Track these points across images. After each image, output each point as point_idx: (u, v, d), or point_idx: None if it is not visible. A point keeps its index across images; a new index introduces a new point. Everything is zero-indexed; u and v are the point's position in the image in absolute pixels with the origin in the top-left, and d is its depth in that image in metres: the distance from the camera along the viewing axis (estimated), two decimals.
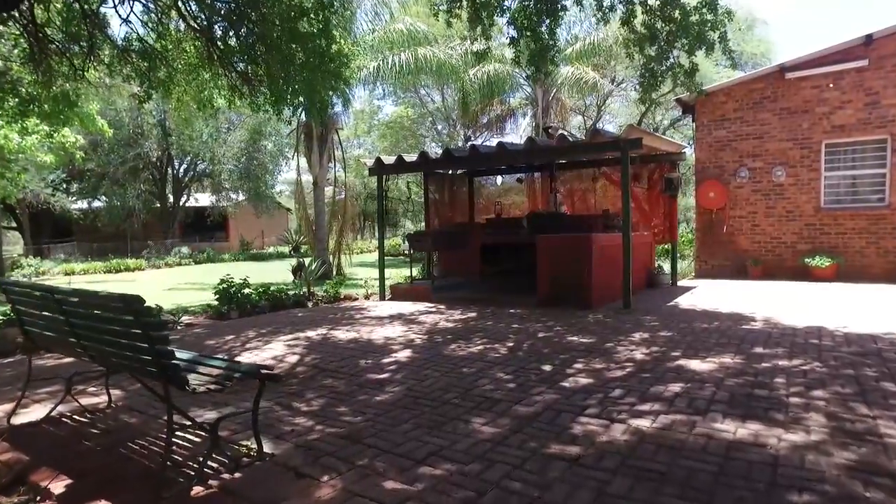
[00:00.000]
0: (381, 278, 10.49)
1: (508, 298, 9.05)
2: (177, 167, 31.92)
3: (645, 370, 4.71)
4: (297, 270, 10.62)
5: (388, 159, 10.33)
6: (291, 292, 10.64)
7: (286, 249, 31.98)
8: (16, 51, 9.45)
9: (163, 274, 21.47)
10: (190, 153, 28.54)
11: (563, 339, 6.07)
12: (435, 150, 10.45)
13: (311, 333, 6.77)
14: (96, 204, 30.06)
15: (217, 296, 9.20)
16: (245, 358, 5.59)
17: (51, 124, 10.81)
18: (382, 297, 10.40)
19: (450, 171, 12.56)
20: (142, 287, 16.06)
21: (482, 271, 11.26)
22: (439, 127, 26.47)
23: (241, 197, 32.39)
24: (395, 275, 13.52)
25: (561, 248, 8.47)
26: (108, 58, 9.47)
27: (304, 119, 13.88)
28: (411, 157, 10.10)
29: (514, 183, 13.61)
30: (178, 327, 8.18)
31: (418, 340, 6.21)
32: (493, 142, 10.91)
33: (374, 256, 29.17)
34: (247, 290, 9.55)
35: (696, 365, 4.82)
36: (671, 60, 7.64)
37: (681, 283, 11.37)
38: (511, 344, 5.90)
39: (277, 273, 16.33)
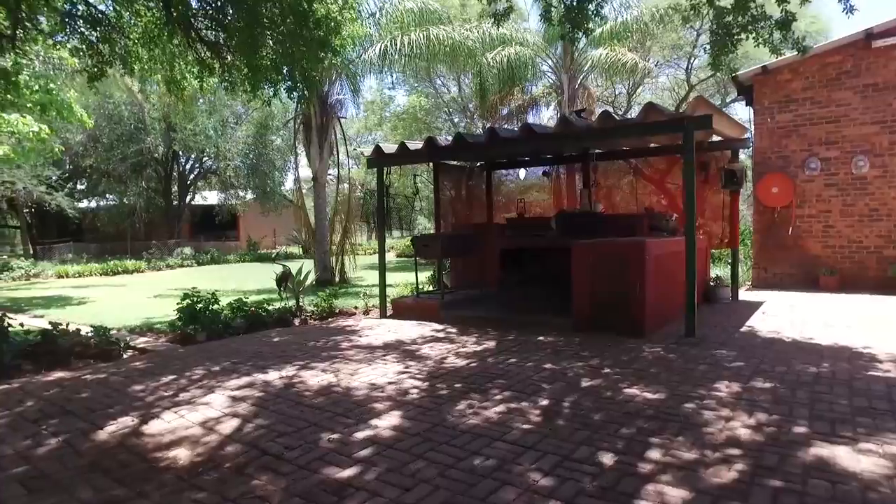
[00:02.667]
0: (382, 291, 8.77)
1: (535, 319, 7.27)
2: (182, 164, 30.59)
3: (767, 468, 2.92)
4: (281, 281, 8.96)
5: (389, 148, 8.61)
6: (278, 305, 9.00)
7: (297, 250, 30.51)
8: None
9: (160, 276, 20.05)
10: (194, 149, 27.13)
11: (618, 392, 4.28)
12: (446, 138, 8.70)
13: (273, 375, 5.06)
14: (92, 203, 28.88)
15: (179, 314, 7.56)
16: (166, 421, 3.91)
17: None
18: (383, 314, 8.68)
19: (466, 164, 10.84)
20: (129, 292, 14.60)
21: (502, 281, 9.49)
22: (456, 119, 24.73)
23: (250, 195, 30.98)
24: (403, 282, 11.82)
25: (604, 257, 6.67)
26: (49, 26, 7.92)
27: (295, 103, 12.18)
28: (416, 145, 8.36)
29: (540, 178, 11.79)
30: (123, 355, 6.57)
31: (415, 392, 4.46)
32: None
33: (387, 258, 27.56)
34: (218, 306, 7.91)
35: (847, 458, 3.00)
36: (752, 11, 5.78)
37: (741, 295, 9.47)
38: (545, 402, 4.12)
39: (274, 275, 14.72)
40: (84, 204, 29.04)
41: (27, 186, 22.36)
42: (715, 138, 8.36)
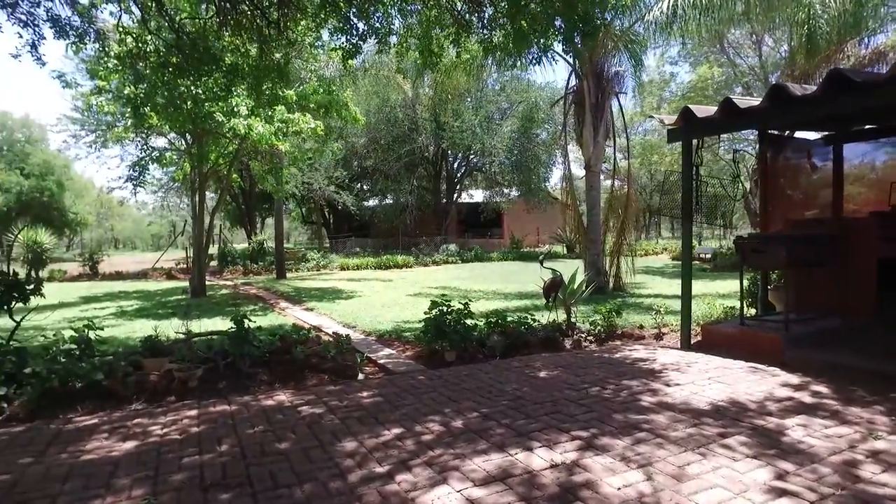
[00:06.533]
0: (686, 311, 6.27)
1: None
2: (450, 162, 31.41)
3: None
4: (549, 290, 7.10)
5: (704, 110, 6.08)
6: (542, 318, 7.19)
7: (561, 249, 28.94)
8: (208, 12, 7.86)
9: (424, 273, 20.18)
10: (461, 146, 27.44)
11: None
12: (802, 86, 5.79)
13: (542, 458, 3.11)
14: (373, 202, 31.27)
15: (425, 326, 6.21)
16: None
17: (259, 101, 9.18)
18: (686, 343, 6.19)
19: (792, 134, 7.66)
20: (393, 288, 14.47)
21: (880, 307, 6.18)
22: (755, 95, 20.18)
23: (514, 192, 30.41)
24: (700, 293, 9.04)
25: None
26: (311, 8, 7.31)
27: (569, 63, 10.26)
28: (749, 102, 5.66)
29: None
30: (359, 374, 5.39)
31: None
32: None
33: (660, 260, 24.00)
34: (471, 320, 6.37)
35: None
36: None
37: None
38: None
39: (541, 279, 13.07)
40: (369, 203, 31.79)
41: (321, 186, 24.88)
42: None
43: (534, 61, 6.56)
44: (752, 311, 7.61)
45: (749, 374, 4.84)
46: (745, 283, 7.96)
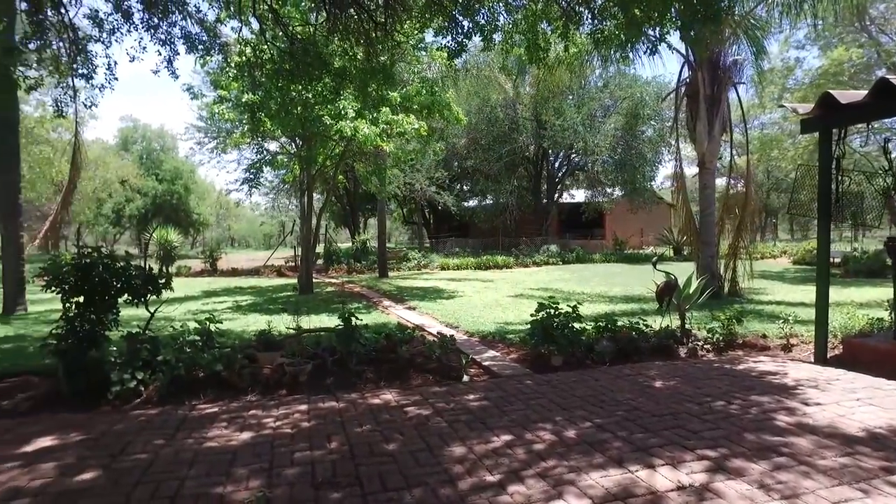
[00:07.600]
0: (822, 319, 5.65)
1: None
2: (551, 161, 30.81)
3: None
4: (663, 294, 6.67)
5: (849, 95, 5.43)
6: (654, 323, 6.76)
7: (667, 251, 27.53)
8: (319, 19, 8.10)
9: (524, 274, 19.89)
10: (562, 145, 26.80)
11: None
12: None
13: (666, 478, 2.85)
14: (473, 202, 31.30)
15: (531, 328, 6.02)
16: None
17: (364, 103, 9.36)
18: (822, 359, 5.57)
19: None
20: (493, 289, 14.38)
21: None
22: None
23: (618, 192, 29.31)
24: (832, 301, 8.12)
25: None
26: (417, 8, 7.35)
27: (685, 58, 9.56)
28: None
29: None
30: (464, 376, 5.31)
31: None
32: None
33: (779, 264, 22.11)
34: (579, 324, 6.11)
35: None
36: None
37: None
38: None
39: (650, 282, 12.43)
40: (468, 203, 31.92)
41: (422, 187, 25.27)
42: None
43: (647, 52, 6.17)
44: None
45: None
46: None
